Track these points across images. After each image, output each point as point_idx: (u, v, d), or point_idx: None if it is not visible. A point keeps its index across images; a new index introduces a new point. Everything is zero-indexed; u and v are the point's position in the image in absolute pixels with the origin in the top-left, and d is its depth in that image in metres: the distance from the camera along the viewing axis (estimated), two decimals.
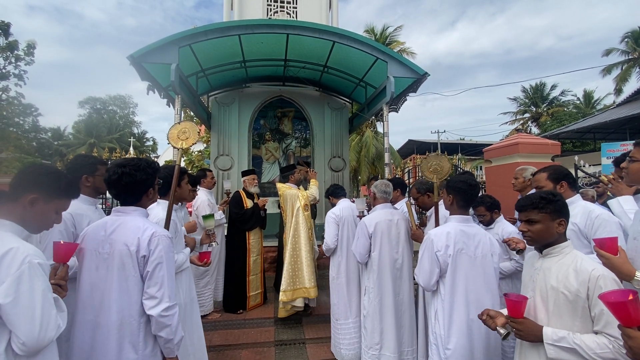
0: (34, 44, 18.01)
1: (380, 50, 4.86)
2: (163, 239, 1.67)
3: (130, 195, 1.76)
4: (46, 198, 1.45)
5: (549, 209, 1.58)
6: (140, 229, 1.65)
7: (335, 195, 3.77)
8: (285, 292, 3.77)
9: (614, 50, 22.50)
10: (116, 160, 1.89)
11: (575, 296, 1.44)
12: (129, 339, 1.59)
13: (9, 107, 18.18)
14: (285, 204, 4.05)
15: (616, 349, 1.31)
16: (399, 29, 20.65)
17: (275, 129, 6.88)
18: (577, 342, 1.38)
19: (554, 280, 1.52)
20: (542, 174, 2.39)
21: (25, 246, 1.31)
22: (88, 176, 2.14)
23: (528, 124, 28.42)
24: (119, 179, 1.71)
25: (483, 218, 3.00)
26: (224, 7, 7.29)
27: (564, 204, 1.61)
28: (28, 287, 1.25)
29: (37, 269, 1.29)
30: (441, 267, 2.12)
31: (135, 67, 4.36)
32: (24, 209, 1.41)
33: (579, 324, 1.43)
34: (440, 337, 2.10)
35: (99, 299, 1.60)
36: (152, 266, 1.61)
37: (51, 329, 1.28)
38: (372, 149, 17.17)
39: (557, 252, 1.57)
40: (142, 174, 1.74)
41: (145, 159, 1.84)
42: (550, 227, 1.58)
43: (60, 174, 1.55)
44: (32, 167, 1.51)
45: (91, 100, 35.44)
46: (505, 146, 5.53)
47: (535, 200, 1.62)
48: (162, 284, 1.62)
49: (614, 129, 15.91)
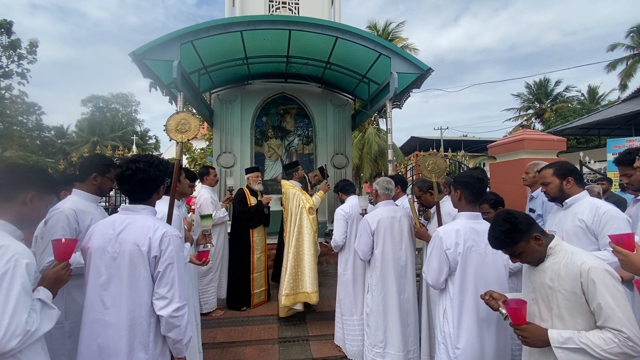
0: (37, 42, 18.06)
1: (384, 45, 4.82)
2: (174, 239, 1.65)
3: (142, 192, 1.74)
4: (40, 194, 1.52)
5: (514, 236, 1.54)
6: (151, 228, 1.63)
7: (345, 191, 3.73)
8: (287, 297, 3.74)
9: (619, 46, 22.26)
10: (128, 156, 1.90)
11: (571, 293, 1.42)
12: (139, 339, 1.57)
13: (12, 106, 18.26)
14: (287, 202, 4.02)
15: (622, 342, 1.30)
16: (402, 25, 20.59)
17: (277, 126, 6.86)
18: (584, 340, 1.36)
19: (549, 279, 1.52)
20: (548, 170, 2.35)
21: (16, 245, 1.32)
22: (97, 175, 2.15)
23: (532, 120, 28.23)
24: (133, 174, 1.69)
25: (487, 215, 2.97)
26: (225, 4, 7.25)
27: (519, 221, 1.54)
28: (6, 286, 1.23)
29: (21, 269, 1.28)
30: (450, 265, 2.09)
31: (137, 65, 4.34)
32: (23, 206, 1.45)
33: (580, 321, 1.42)
34: (449, 336, 2.07)
35: (109, 299, 1.58)
36: (164, 266, 1.60)
37: (17, 334, 1.23)
38: (375, 146, 17.12)
39: (550, 252, 1.56)
40: (155, 170, 1.73)
41: (156, 156, 1.84)
42: (532, 248, 1.55)
43: (45, 170, 1.62)
44: (19, 166, 1.55)
45: (94, 99, 35.59)
46: (511, 142, 5.48)
47: (499, 239, 1.58)
48: (173, 285, 1.60)
49: (619, 125, 15.77)
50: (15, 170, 1.49)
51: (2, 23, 17.30)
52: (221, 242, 4.34)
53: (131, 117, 37.62)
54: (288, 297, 3.74)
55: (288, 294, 3.74)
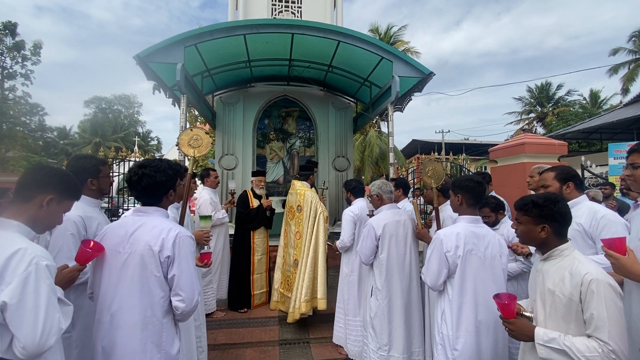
0: (41, 43, 18.22)
1: (386, 49, 4.85)
2: (187, 240, 1.67)
3: (150, 197, 1.75)
4: (59, 199, 1.48)
5: (533, 213, 1.58)
6: (164, 229, 1.65)
7: (355, 192, 3.73)
8: (306, 303, 3.74)
9: (621, 50, 22.26)
10: (138, 161, 1.86)
11: (568, 299, 1.43)
12: (152, 339, 1.58)
13: (16, 107, 18.36)
14: (304, 204, 4.01)
15: (605, 354, 1.30)
16: (404, 28, 20.65)
17: (279, 129, 6.89)
18: (567, 344, 1.37)
19: (551, 283, 1.52)
20: (549, 173, 2.37)
21: (34, 247, 1.30)
22: (93, 179, 2.10)
23: (533, 124, 28.20)
24: (139, 180, 1.70)
25: (488, 219, 2.99)
26: (228, 7, 7.30)
27: (552, 210, 1.55)
28: (33, 289, 1.23)
29: (44, 271, 1.27)
30: (450, 267, 2.11)
31: (141, 67, 4.39)
32: (39, 208, 1.41)
33: (574, 327, 1.42)
34: (447, 337, 2.09)
35: (121, 299, 1.59)
36: (179, 267, 1.61)
37: (53, 334, 1.25)
38: (376, 149, 17.14)
39: (556, 254, 1.56)
40: (162, 175, 1.73)
41: (167, 160, 1.82)
42: (532, 231, 1.59)
43: (70, 175, 1.56)
44: (44, 168, 1.51)
45: (96, 100, 35.76)
46: (512, 146, 5.50)
47: (525, 202, 1.63)
48: (191, 284, 1.63)
49: (621, 129, 15.73)
50: (38, 171, 1.47)
51: (6, 25, 17.46)
52: (221, 243, 4.35)
53: (133, 119, 37.74)
54: (307, 303, 3.76)
55: (307, 300, 3.76)
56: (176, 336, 1.68)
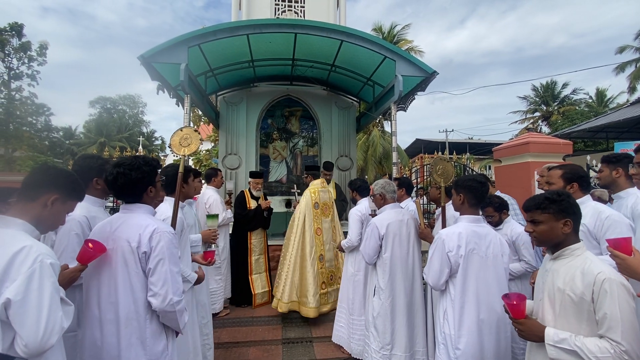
0: (47, 44, 18.37)
1: (389, 49, 4.84)
2: (165, 235, 1.65)
3: (129, 195, 1.75)
4: (63, 199, 1.49)
5: (552, 209, 1.55)
6: (142, 225, 1.65)
7: (360, 191, 3.78)
8: None
9: (628, 48, 21.96)
10: (114, 160, 1.85)
11: (580, 299, 1.41)
12: (136, 335, 1.59)
13: (22, 107, 18.53)
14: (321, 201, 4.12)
15: (617, 355, 1.28)
16: (407, 27, 20.59)
17: (282, 128, 6.90)
18: (579, 344, 1.36)
19: (561, 282, 1.49)
20: (557, 170, 2.36)
21: (39, 245, 1.31)
22: (98, 179, 2.11)
23: (538, 123, 28.00)
24: (115, 180, 1.70)
25: (492, 219, 2.98)
26: (232, 7, 7.32)
27: (570, 204, 1.55)
28: (37, 286, 1.23)
29: (48, 269, 1.28)
30: (452, 267, 2.11)
31: (145, 67, 4.42)
32: (44, 208, 1.42)
33: (585, 327, 1.40)
34: (449, 337, 2.09)
35: (105, 295, 1.61)
36: (154, 262, 1.61)
37: (55, 332, 1.25)
38: (379, 148, 17.11)
39: (567, 254, 1.53)
40: (138, 172, 1.71)
41: (143, 157, 1.79)
42: (554, 228, 1.54)
43: (75, 176, 1.57)
44: (50, 168, 1.52)
45: (101, 100, 35.96)
46: (516, 145, 5.47)
47: (539, 200, 1.59)
48: (166, 280, 1.61)
49: (627, 128, 15.56)
50: (44, 171, 1.48)
51: (13, 26, 17.63)
52: (226, 243, 4.38)
53: (138, 119, 37.93)
54: None
55: None
56: (162, 333, 1.67)
